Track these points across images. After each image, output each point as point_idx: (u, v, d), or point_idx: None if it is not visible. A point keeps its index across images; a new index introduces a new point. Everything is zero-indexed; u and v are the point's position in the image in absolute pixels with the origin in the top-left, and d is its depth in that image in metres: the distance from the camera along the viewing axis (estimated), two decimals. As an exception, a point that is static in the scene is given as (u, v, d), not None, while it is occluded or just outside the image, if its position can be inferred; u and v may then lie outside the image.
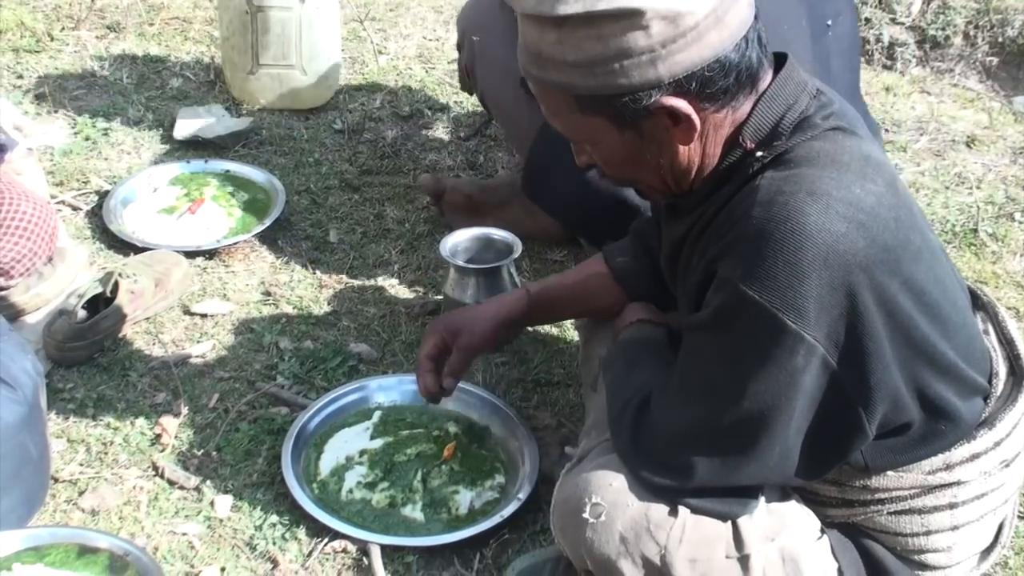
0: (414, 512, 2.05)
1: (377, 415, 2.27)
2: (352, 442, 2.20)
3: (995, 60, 3.99)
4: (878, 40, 4.03)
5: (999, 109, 3.79)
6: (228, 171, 3.08)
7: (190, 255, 2.74)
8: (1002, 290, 2.81)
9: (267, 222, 2.87)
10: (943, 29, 4.03)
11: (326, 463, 2.16)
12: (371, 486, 2.10)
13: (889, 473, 1.61)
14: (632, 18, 1.39)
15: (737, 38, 1.45)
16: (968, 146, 3.52)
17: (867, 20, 4.04)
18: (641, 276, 1.96)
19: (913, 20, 4.08)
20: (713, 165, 1.56)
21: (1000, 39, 3.99)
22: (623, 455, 1.65)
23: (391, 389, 2.34)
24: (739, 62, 1.47)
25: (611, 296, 1.99)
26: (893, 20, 4.09)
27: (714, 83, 1.46)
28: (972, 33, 4.04)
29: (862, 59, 3.88)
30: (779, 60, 1.57)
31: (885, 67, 4.02)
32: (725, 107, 1.50)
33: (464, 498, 2.08)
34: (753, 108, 1.52)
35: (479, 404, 2.29)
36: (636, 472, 1.62)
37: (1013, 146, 3.53)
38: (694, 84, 1.45)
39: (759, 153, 1.51)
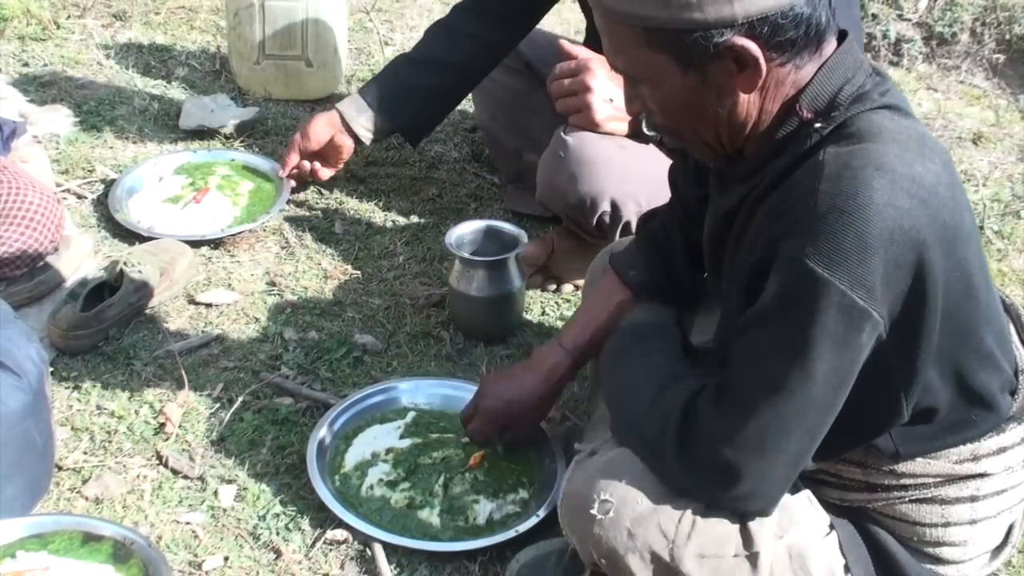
0: (431, 516, 2.04)
1: (411, 415, 2.26)
2: (381, 439, 2.20)
3: (1002, 57, 3.98)
4: (885, 36, 4.02)
5: (1006, 107, 3.78)
6: (233, 160, 3.07)
7: (195, 244, 2.74)
8: (1008, 287, 2.81)
9: (272, 212, 2.86)
10: (950, 26, 4.02)
11: (352, 456, 2.16)
12: (392, 485, 2.10)
13: (917, 459, 1.60)
14: None
15: None
16: (974, 143, 3.51)
17: (874, 16, 4.03)
18: (661, 288, 1.94)
19: (920, 17, 4.07)
20: (768, 124, 1.53)
21: (1007, 36, 3.98)
22: (669, 473, 1.61)
23: (431, 391, 2.32)
24: (810, 16, 1.46)
25: None
26: (900, 16, 4.08)
27: (784, 31, 1.44)
28: (979, 30, 4.03)
29: (868, 55, 3.87)
30: (840, 36, 1.56)
31: (891, 63, 4.01)
32: (790, 62, 1.49)
33: (483, 508, 2.06)
34: (814, 75, 1.51)
35: None
36: (688, 488, 1.60)
37: (1020, 144, 3.52)
38: (766, 28, 1.43)
39: (817, 124, 1.50)
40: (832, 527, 1.66)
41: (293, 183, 2.96)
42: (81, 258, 2.62)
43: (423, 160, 3.19)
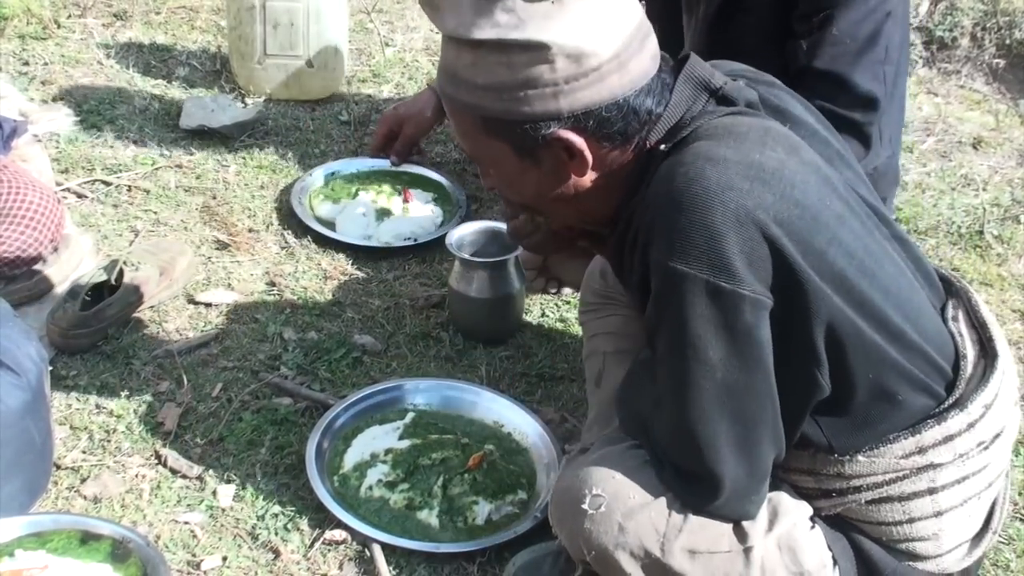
0: (430, 517, 2.04)
1: (410, 416, 2.26)
2: (380, 440, 2.20)
3: (1002, 62, 3.99)
4: (885, 40, 4.02)
5: (1006, 111, 3.79)
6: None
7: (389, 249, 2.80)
8: (1007, 292, 2.81)
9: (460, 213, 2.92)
10: (950, 30, 4.03)
11: (351, 457, 2.16)
12: (391, 486, 2.09)
13: (860, 458, 1.61)
14: (539, 51, 1.47)
15: (638, 85, 1.53)
16: (975, 148, 3.52)
17: (875, 20, 4.03)
18: None
19: (920, 21, 4.07)
20: (620, 185, 1.60)
21: (1007, 41, 3.99)
22: (671, 489, 1.64)
23: (430, 392, 2.32)
24: (637, 107, 1.54)
25: None
26: (901, 20, 4.08)
27: (611, 124, 1.54)
28: (979, 35, 4.03)
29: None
30: (681, 60, 1.63)
31: (892, 67, 4.01)
32: (623, 145, 1.57)
33: (482, 509, 2.06)
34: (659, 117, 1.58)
35: (522, 423, 2.26)
36: (680, 499, 1.63)
37: (1020, 148, 3.53)
38: (591, 122, 1.53)
39: (662, 147, 1.56)
40: (814, 521, 1.67)
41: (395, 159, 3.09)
42: (81, 257, 2.61)
43: (423, 162, 3.18)
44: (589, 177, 1.59)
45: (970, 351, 1.68)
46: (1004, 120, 3.71)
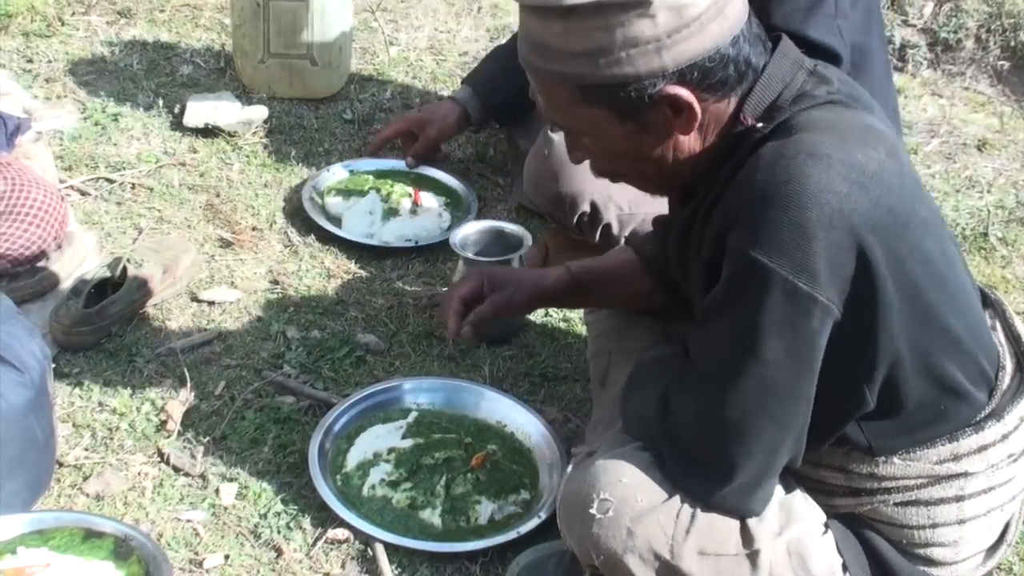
0: (432, 517, 2.04)
1: (413, 415, 2.26)
2: (383, 439, 2.19)
3: (1007, 64, 3.98)
4: (890, 41, 4.01)
5: (1010, 113, 3.78)
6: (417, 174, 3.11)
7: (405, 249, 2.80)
8: (1011, 295, 2.81)
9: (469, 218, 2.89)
10: (955, 32, 4.02)
11: (353, 456, 2.15)
12: (394, 485, 2.09)
13: (896, 461, 1.61)
14: (640, 7, 1.43)
15: (736, 31, 1.50)
16: (979, 150, 3.51)
17: (879, 21, 4.03)
18: (668, 263, 1.94)
19: (925, 22, 4.07)
20: (710, 151, 1.57)
21: (1012, 43, 3.98)
22: (672, 476, 1.63)
23: (433, 391, 2.32)
24: (736, 55, 1.50)
25: (642, 283, 1.99)
26: (905, 22, 4.07)
27: (714, 74, 1.50)
28: (984, 37, 4.03)
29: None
30: (775, 39, 1.60)
31: (896, 68, 4.00)
32: (724, 98, 1.53)
33: (485, 509, 2.06)
34: (751, 88, 1.54)
35: (525, 423, 2.25)
36: (682, 486, 1.61)
37: (1024, 150, 3.53)
38: (696, 74, 1.48)
39: (759, 125, 1.53)
40: (827, 526, 1.66)
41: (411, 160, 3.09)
42: (84, 255, 2.61)
43: (425, 160, 3.18)
44: (693, 136, 1.55)
45: (1008, 362, 1.68)
46: (1009, 122, 3.70)
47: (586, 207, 2.43)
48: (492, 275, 2.01)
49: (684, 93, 1.49)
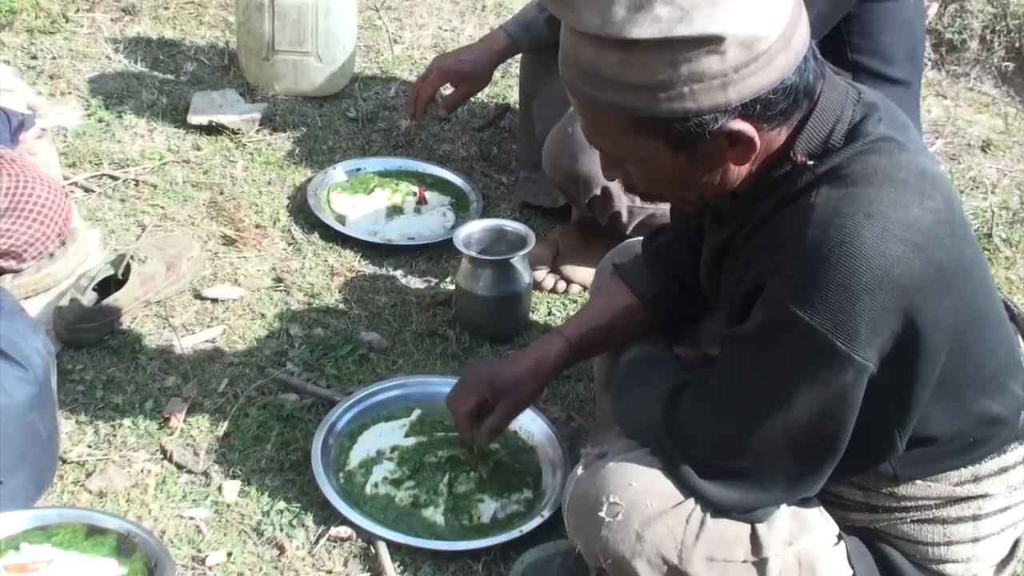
0: (435, 515, 2.03)
1: (416, 414, 2.25)
2: (386, 437, 2.19)
3: (1011, 65, 3.98)
4: (895, 42, 4.01)
5: (1015, 115, 3.77)
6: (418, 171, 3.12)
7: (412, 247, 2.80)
8: (1015, 296, 2.80)
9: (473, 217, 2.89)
10: (960, 33, 4.01)
11: (356, 454, 2.15)
12: (396, 483, 2.09)
13: (917, 482, 1.61)
14: (711, 43, 1.34)
15: (800, 59, 1.42)
16: (983, 151, 3.51)
17: (884, 22, 4.02)
18: (668, 299, 1.92)
19: (930, 23, 4.06)
20: (755, 179, 1.52)
21: (1017, 45, 3.98)
22: (677, 475, 1.61)
23: (436, 390, 2.28)
24: (798, 83, 1.44)
25: (643, 327, 1.94)
26: (910, 22, 4.07)
27: (775, 105, 1.43)
28: (989, 38, 4.02)
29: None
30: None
31: (901, 69, 4.00)
32: (780, 126, 1.47)
33: (488, 507, 2.06)
34: (804, 120, 1.48)
35: (528, 421, 2.24)
36: (695, 488, 1.60)
37: (1029, 152, 3.52)
38: (758, 107, 1.41)
39: (810, 162, 1.48)
40: (840, 538, 1.65)
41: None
42: (88, 251, 2.61)
43: (431, 158, 3.18)
44: (746, 165, 1.48)
45: None
46: (1013, 123, 3.70)
47: (598, 191, 2.46)
48: (492, 385, 1.95)
49: (746, 128, 1.42)
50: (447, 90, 2.99)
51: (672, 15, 1.33)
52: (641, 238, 2.06)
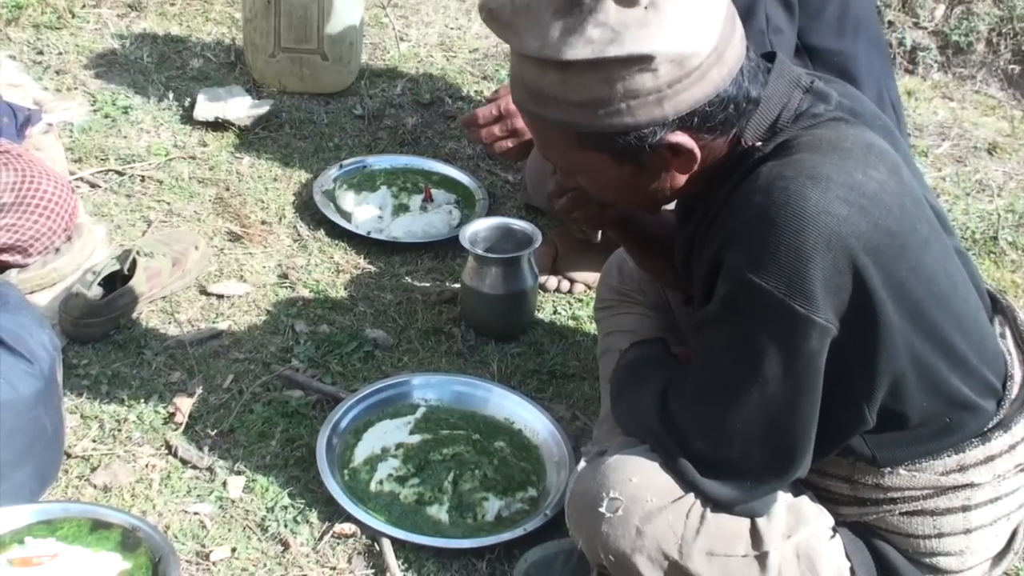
0: (440, 513, 2.03)
1: (422, 411, 2.25)
2: (391, 434, 2.19)
3: (1018, 68, 3.97)
4: (900, 44, 4.01)
5: (1021, 117, 3.77)
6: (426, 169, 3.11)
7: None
8: (1021, 299, 2.80)
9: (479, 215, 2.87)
10: (966, 35, 4.01)
11: (361, 451, 2.15)
12: (401, 480, 2.09)
13: (901, 472, 1.61)
14: (642, 62, 1.41)
15: (735, 73, 1.48)
16: (990, 153, 3.50)
17: (890, 23, 4.02)
18: None
19: (936, 25, 4.05)
20: (708, 173, 1.56)
21: (1023, 47, 3.97)
22: (676, 470, 1.63)
23: (442, 387, 2.31)
24: (736, 94, 1.49)
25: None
26: (916, 24, 4.06)
27: (714, 116, 1.49)
28: (995, 40, 4.02)
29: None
30: (769, 58, 1.60)
31: (907, 71, 4.00)
32: (724, 135, 1.53)
33: (492, 506, 2.06)
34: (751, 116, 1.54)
35: (533, 420, 2.24)
36: (694, 483, 1.61)
37: (1035, 154, 3.52)
38: (695, 120, 1.48)
39: (759, 144, 1.53)
40: (835, 530, 1.66)
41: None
42: (94, 247, 2.61)
43: (437, 156, 3.18)
44: (695, 169, 1.54)
45: (1017, 371, 1.68)
46: (1019, 126, 3.69)
47: None
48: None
49: (684, 140, 1.48)
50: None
51: (604, 36, 1.40)
52: None
